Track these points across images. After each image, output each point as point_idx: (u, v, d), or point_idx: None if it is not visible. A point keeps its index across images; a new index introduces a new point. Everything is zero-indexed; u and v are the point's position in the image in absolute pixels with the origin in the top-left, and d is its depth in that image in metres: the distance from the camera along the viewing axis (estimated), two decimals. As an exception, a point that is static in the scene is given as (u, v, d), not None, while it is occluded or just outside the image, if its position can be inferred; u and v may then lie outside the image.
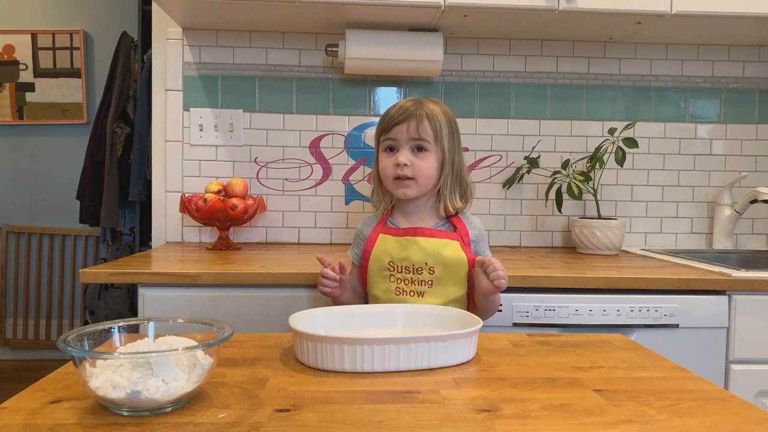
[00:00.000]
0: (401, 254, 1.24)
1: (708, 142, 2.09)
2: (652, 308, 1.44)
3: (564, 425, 0.66)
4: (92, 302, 2.75)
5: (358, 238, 1.35)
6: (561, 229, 2.07)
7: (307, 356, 0.85)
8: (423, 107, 1.25)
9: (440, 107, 1.28)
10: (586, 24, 1.83)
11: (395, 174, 1.25)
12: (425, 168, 1.24)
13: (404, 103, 1.28)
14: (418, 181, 1.24)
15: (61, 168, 3.47)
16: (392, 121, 1.26)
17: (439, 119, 1.25)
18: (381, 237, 1.29)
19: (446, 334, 0.86)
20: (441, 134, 1.25)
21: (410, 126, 1.24)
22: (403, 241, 1.26)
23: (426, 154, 1.25)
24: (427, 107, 1.26)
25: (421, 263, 1.23)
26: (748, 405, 0.73)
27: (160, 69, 1.97)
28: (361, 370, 0.83)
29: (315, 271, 1.32)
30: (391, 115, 1.27)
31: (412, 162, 1.24)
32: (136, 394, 0.66)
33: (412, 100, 1.28)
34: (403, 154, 1.24)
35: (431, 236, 1.25)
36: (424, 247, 1.23)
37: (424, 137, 1.24)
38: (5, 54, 3.42)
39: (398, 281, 1.25)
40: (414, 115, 1.24)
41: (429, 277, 1.23)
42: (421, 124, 1.24)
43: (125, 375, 0.66)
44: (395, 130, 1.25)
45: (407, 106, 1.26)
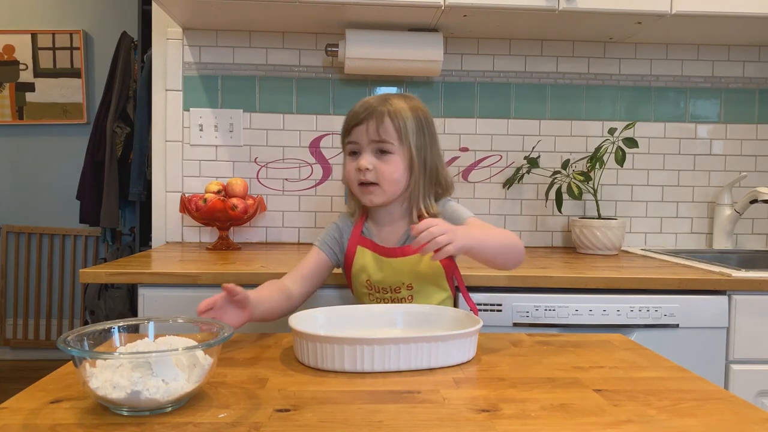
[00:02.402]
0: (377, 275, 1.18)
1: (708, 142, 2.08)
2: (652, 308, 1.44)
3: (564, 425, 0.66)
4: (92, 302, 2.76)
5: (334, 240, 1.24)
6: (561, 229, 2.07)
7: (307, 356, 0.85)
8: (386, 104, 1.14)
9: (408, 102, 1.17)
10: (586, 24, 1.83)
11: (358, 179, 1.16)
12: (389, 172, 1.14)
13: (368, 99, 1.18)
14: (383, 187, 1.15)
15: (61, 168, 3.47)
16: (352, 121, 1.16)
17: (404, 116, 1.14)
18: (359, 250, 1.21)
19: (446, 334, 0.86)
20: (406, 132, 1.14)
21: (369, 127, 1.13)
22: (378, 259, 1.19)
23: (390, 156, 1.14)
24: (391, 104, 1.15)
25: (397, 283, 1.18)
26: (748, 405, 0.73)
27: (160, 69, 1.97)
28: (361, 370, 0.82)
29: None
30: (350, 115, 1.17)
31: (375, 166, 1.14)
32: (136, 394, 0.66)
33: (378, 96, 1.18)
34: (365, 158, 1.14)
35: (404, 255, 1.17)
36: (399, 269, 1.17)
37: (385, 138, 1.14)
38: (5, 54, 3.42)
39: (377, 300, 1.20)
40: (374, 114, 1.13)
41: (408, 293, 1.18)
42: (382, 124, 1.13)
43: (125, 375, 0.66)
44: (355, 131, 1.16)
45: (369, 103, 1.16)
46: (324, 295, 1.43)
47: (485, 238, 1.05)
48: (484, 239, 1.04)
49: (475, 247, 1.02)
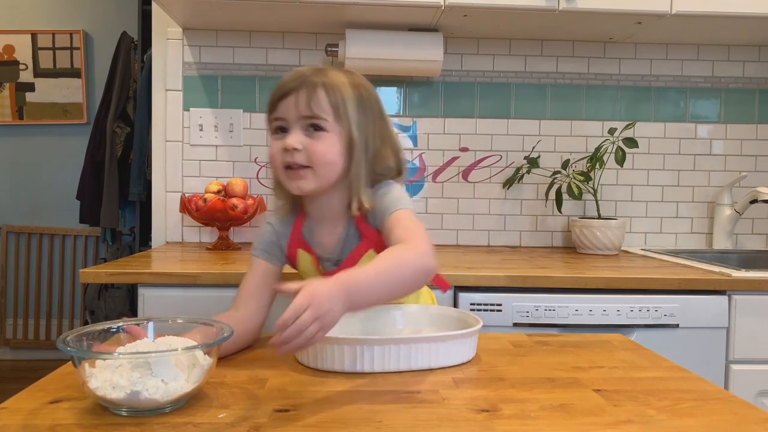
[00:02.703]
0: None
1: (708, 142, 2.08)
2: (652, 308, 1.44)
3: (563, 425, 0.66)
4: (92, 302, 2.76)
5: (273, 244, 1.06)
6: (561, 229, 2.07)
7: (307, 357, 0.85)
8: (321, 75, 0.97)
9: (348, 77, 1.00)
10: (586, 24, 1.83)
11: (285, 162, 0.97)
12: (323, 151, 0.95)
13: (299, 68, 1.00)
14: (316, 170, 0.96)
15: (61, 168, 3.47)
16: (278, 92, 0.98)
17: (342, 90, 0.97)
18: (300, 253, 1.06)
19: (446, 334, 0.85)
20: (344, 108, 0.96)
21: (299, 99, 0.95)
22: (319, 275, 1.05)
23: (323, 134, 0.96)
24: (327, 75, 0.97)
25: None
26: (748, 405, 0.73)
27: (160, 69, 1.97)
28: (360, 370, 0.82)
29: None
30: (279, 85, 0.99)
31: (305, 145, 0.95)
32: (136, 394, 0.66)
33: (312, 66, 1.00)
34: (293, 136, 0.95)
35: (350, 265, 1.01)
36: None
37: (318, 113, 0.95)
38: (5, 54, 3.42)
39: None
40: (305, 85, 0.95)
41: None
42: (314, 97, 0.95)
43: (124, 375, 0.66)
44: (282, 105, 0.97)
45: (300, 72, 0.98)
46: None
47: (367, 288, 0.80)
48: (363, 291, 0.79)
49: (354, 305, 0.79)
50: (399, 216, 0.96)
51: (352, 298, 0.77)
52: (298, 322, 0.71)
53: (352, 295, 0.77)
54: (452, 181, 2.03)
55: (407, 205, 0.98)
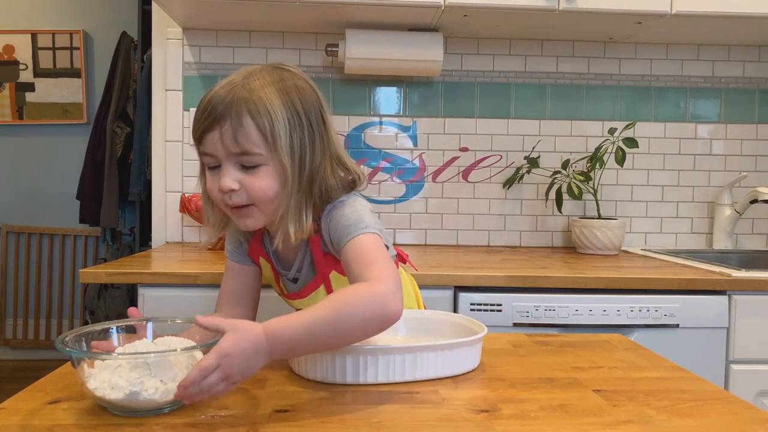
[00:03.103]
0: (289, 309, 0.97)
1: (708, 142, 2.08)
2: (652, 308, 1.44)
3: (563, 425, 0.66)
4: (92, 302, 2.76)
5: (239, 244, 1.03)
6: (561, 229, 2.07)
7: (305, 368, 0.80)
8: (244, 96, 0.83)
9: (277, 84, 0.86)
10: (586, 24, 1.83)
11: (224, 202, 0.88)
12: (261, 187, 0.85)
13: (218, 90, 0.85)
14: (260, 207, 0.87)
15: (61, 168, 3.47)
16: (201, 124, 0.85)
17: (270, 111, 0.84)
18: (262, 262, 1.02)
19: (452, 342, 0.82)
20: (276, 134, 0.84)
21: (224, 134, 0.83)
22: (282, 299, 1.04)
23: (259, 168, 0.85)
24: (252, 92, 0.84)
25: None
26: (748, 405, 0.73)
27: (160, 69, 1.97)
28: (364, 382, 0.78)
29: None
30: (197, 117, 0.86)
31: (242, 183, 0.85)
32: (135, 395, 0.66)
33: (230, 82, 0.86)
34: (227, 177, 0.85)
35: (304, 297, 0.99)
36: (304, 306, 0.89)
37: (247, 149, 0.83)
38: (5, 54, 3.42)
39: None
40: (227, 115, 0.83)
41: None
42: (241, 128, 0.82)
43: (123, 376, 0.66)
44: (207, 140, 0.85)
45: (219, 99, 0.84)
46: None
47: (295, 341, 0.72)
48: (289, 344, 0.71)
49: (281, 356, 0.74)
50: (356, 246, 0.84)
51: (275, 353, 0.70)
52: (204, 383, 0.65)
53: (275, 350, 0.70)
54: (452, 181, 2.03)
55: (366, 229, 0.86)
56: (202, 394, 0.66)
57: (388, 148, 2.02)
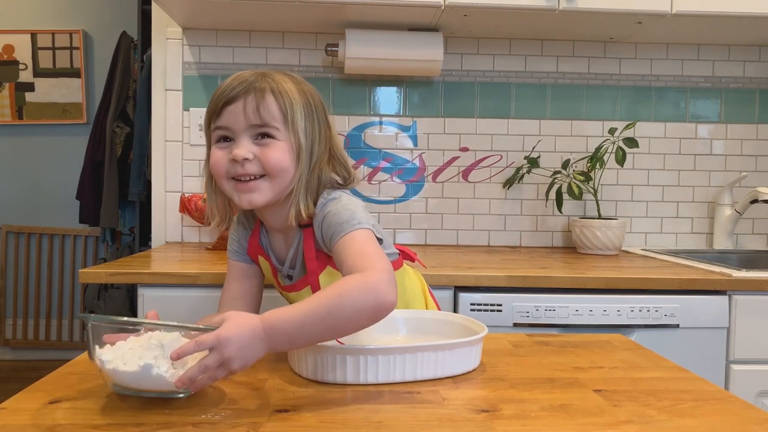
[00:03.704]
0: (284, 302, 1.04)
1: (708, 142, 2.08)
2: (652, 308, 1.44)
3: (564, 426, 0.66)
4: (92, 302, 2.76)
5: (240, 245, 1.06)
6: (561, 229, 2.07)
7: (306, 367, 0.80)
8: (266, 80, 0.91)
9: (295, 83, 0.95)
10: (586, 24, 1.83)
11: (234, 173, 0.91)
12: (277, 158, 0.90)
13: (242, 74, 0.93)
14: (272, 179, 0.91)
15: (61, 168, 3.47)
16: (222, 98, 0.90)
17: (291, 96, 0.92)
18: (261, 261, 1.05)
19: (452, 342, 0.82)
20: (293, 115, 0.91)
21: (248, 106, 0.89)
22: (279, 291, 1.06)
23: (274, 142, 0.91)
24: (274, 80, 0.92)
25: None
26: (748, 405, 0.73)
27: (159, 69, 1.97)
28: (364, 382, 0.77)
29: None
30: (221, 90, 0.91)
31: (256, 154, 0.90)
32: (148, 368, 0.67)
33: (255, 71, 0.94)
34: (242, 145, 0.90)
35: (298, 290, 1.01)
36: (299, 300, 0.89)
37: (267, 120, 0.89)
38: (5, 54, 3.42)
39: None
40: (252, 91, 0.89)
41: None
42: (263, 102, 0.89)
43: (137, 353, 0.68)
44: (227, 112, 0.90)
45: (245, 78, 0.91)
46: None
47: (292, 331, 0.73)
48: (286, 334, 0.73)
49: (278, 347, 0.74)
50: (349, 241, 0.86)
51: (273, 342, 0.72)
52: (201, 363, 0.67)
53: (273, 340, 0.72)
54: (452, 181, 2.03)
55: (359, 225, 0.88)
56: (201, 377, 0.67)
57: (388, 148, 2.02)
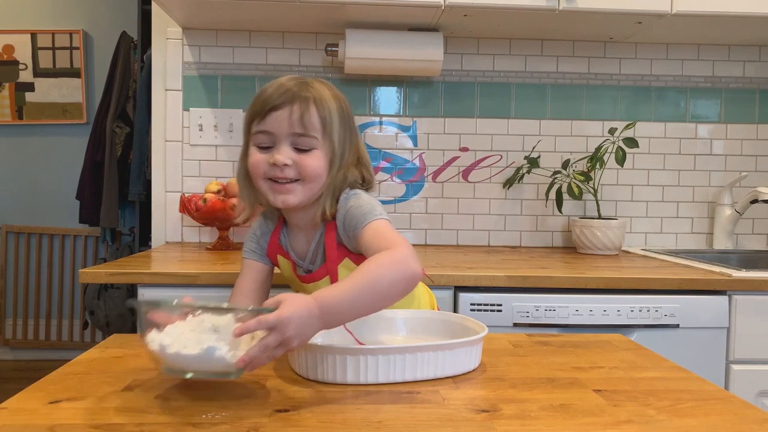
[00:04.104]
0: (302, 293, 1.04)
1: (708, 142, 2.08)
2: (652, 308, 1.44)
3: (564, 425, 0.66)
4: (92, 302, 2.75)
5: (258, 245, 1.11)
6: (561, 229, 2.07)
7: (306, 367, 0.80)
8: (308, 89, 0.98)
9: (330, 90, 1.02)
10: (586, 24, 1.83)
11: (272, 176, 0.98)
12: (314, 167, 0.98)
13: (285, 81, 0.99)
14: (305, 184, 0.98)
15: (61, 168, 3.47)
16: (269, 103, 0.97)
17: (329, 105, 0.99)
18: (280, 260, 1.09)
19: (452, 342, 0.82)
20: (331, 124, 0.99)
21: (293, 114, 0.96)
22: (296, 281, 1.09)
23: (313, 150, 0.98)
24: (314, 89, 0.99)
25: None
26: (748, 405, 0.73)
27: (159, 69, 1.97)
28: (365, 382, 0.78)
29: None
30: (267, 96, 0.97)
31: (294, 160, 0.97)
32: (211, 351, 0.69)
33: (294, 78, 1.00)
34: (284, 152, 0.97)
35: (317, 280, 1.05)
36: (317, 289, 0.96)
37: (309, 130, 0.97)
38: (5, 54, 3.42)
39: None
40: (298, 98, 0.96)
41: None
42: (307, 112, 0.96)
43: (194, 337, 0.70)
44: (272, 118, 0.97)
45: (289, 86, 0.97)
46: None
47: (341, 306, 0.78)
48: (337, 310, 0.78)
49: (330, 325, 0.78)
50: (373, 228, 0.94)
51: (326, 319, 0.76)
52: (264, 342, 0.70)
53: (326, 317, 0.76)
54: (452, 181, 2.03)
55: (380, 216, 0.96)
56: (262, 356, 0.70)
57: (388, 148, 2.02)
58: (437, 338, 0.93)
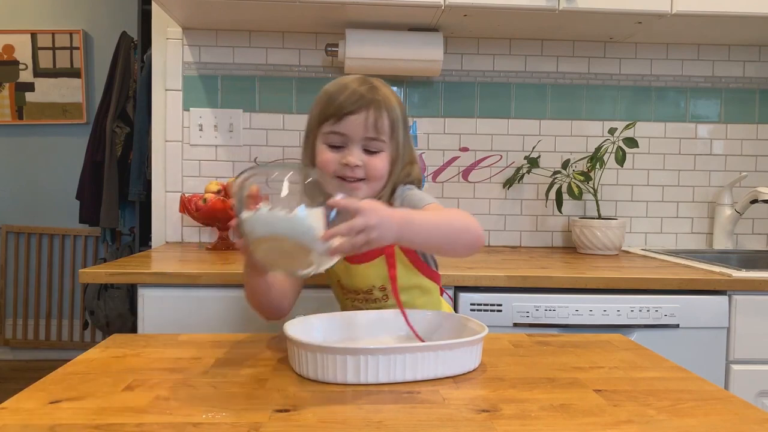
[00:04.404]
0: (347, 279, 1.13)
1: (708, 142, 2.08)
2: (652, 308, 1.44)
3: (564, 425, 0.66)
4: (92, 302, 2.75)
5: None
6: (561, 229, 2.07)
7: (306, 367, 0.80)
8: (378, 91, 1.05)
9: (393, 93, 1.09)
10: (586, 24, 1.83)
11: (342, 174, 1.05)
12: (381, 168, 1.06)
13: (353, 84, 1.05)
14: (371, 183, 1.06)
15: (61, 168, 3.47)
16: (345, 108, 1.03)
17: (396, 109, 1.06)
18: None
19: (453, 342, 0.82)
20: (397, 127, 1.06)
21: (368, 120, 1.03)
22: (344, 265, 1.11)
23: (380, 152, 1.06)
24: (381, 92, 1.05)
25: (368, 287, 1.11)
26: (748, 405, 0.73)
27: (159, 69, 1.97)
28: (365, 382, 0.78)
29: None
30: (341, 102, 1.03)
31: (364, 162, 1.04)
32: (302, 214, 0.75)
33: (360, 79, 1.07)
34: (355, 153, 1.04)
35: (370, 260, 1.09)
36: (365, 273, 1.09)
37: (380, 134, 1.04)
38: (5, 54, 3.42)
39: (352, 300, 1.15)
40: (372, 104, 1.03)
41: (380, 294, 1.12)
42: (380, 118, 1.03)
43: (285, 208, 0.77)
44: (347, 122, 1.03)
45: (361, 92, 1.03)
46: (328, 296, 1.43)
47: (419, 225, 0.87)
48: (416, 226, 0.86)
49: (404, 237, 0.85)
50: (432, 206, 1.02)
51: (403, 231, 0.84)
52: (350, 223, 0.77)
53: (404, 229, 0.84)
54: (452, 181, 2.03)
55: (431, 200, 1.05)
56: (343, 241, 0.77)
57: (388, 148, 2.02)
58: (437, 338, 0.93)
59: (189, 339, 1.00)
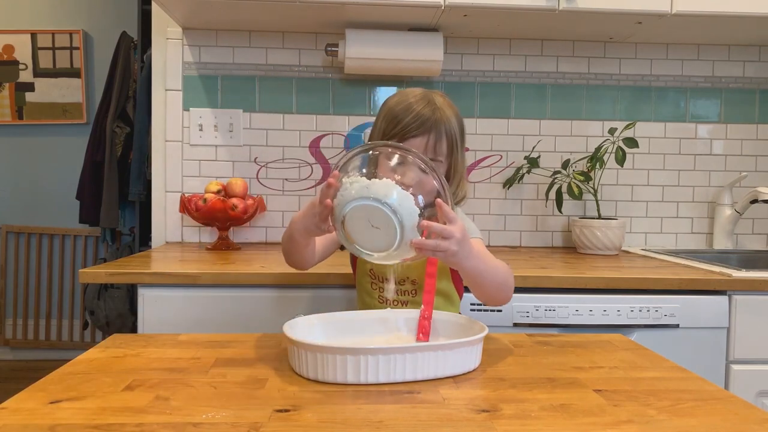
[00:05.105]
0: (380, 267, 1.14)
1: (708, 142, 2.08)
2: (652, 308, 1.44)
3: (564, 425, 0.66)
4: (92, 302, 2.75)
5: None
6: (561, 229, 2.07)
7: (306, 367, 0.80)
8: (439, 112, 1.08)
9: (452, 109, 1.12)
10: (586, 24, 1.83)
11: None
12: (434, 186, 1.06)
13: (417, 105, 1.08)
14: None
15: (61, 168, 3.46)
16: (408, 131, 1.07)
17: (457, 130, 1.10)
18: None
19: (453, 342, 0.82)
20: (454, 148, 1.10)
21: (429, 143, 1.07)
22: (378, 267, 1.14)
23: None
24: (443, 113, 1.09)
25: (401, 277, 1.13)
26: (748, 405, 0.73)
27: (159, 69, 1.97)
28: (365, 381, 0.78)
29: (315, 271, 1.31)
30: (405, 123, 1.07)
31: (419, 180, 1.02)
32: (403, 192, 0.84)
33: (424, 99, 1.09)
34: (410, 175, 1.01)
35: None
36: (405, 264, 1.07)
37: (438, 156, 1.08)
38: (5, 54, 3.42)
39: (380, 290, 1.16)
40: (433, 128, 1.07)
41: (411, 287, 1.14)
42: (440, 141, 1.08)
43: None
44: (409, 143, 1.06)
45: (424, 114, 1.07)
46: (328, 296, 1.43)
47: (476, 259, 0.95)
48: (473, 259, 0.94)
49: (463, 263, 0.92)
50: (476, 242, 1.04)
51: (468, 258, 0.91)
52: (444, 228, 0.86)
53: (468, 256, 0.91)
54: (452, 181, 2.03)
55: (478, 235, 1.11)
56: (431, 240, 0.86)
57: (388, 148, 2.02)
58: (437, 338, 0.93)
59: (189, 339, 1.00)
